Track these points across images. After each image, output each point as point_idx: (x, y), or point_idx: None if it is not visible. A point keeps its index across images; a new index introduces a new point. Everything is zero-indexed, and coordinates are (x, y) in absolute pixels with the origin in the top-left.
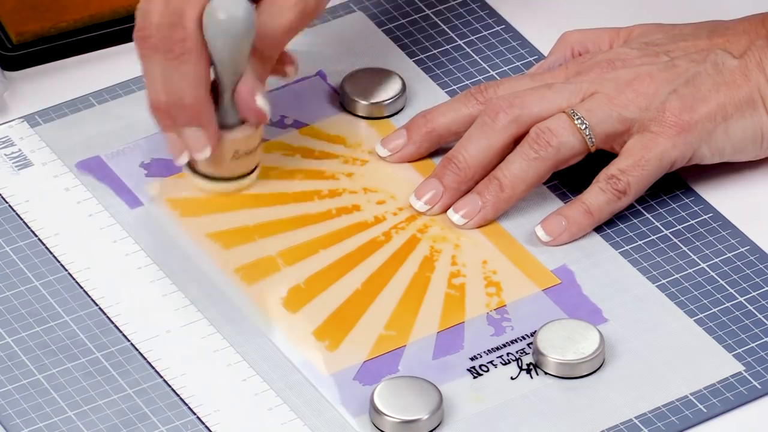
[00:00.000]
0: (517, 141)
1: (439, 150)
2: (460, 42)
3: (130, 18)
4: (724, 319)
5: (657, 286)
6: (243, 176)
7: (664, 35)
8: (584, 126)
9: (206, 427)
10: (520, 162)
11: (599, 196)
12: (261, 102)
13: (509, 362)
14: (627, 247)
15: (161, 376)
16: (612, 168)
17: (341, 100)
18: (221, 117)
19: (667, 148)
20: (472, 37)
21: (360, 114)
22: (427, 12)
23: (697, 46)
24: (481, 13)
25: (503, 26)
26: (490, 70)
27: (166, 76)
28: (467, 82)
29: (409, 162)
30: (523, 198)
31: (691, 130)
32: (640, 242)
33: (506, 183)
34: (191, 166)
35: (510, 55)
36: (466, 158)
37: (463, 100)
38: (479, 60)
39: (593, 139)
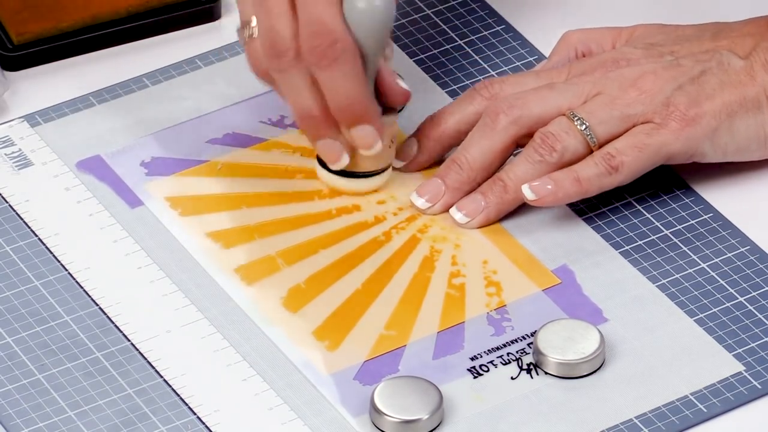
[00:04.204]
0: (518, 142)
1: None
2: (461, 42)
3: (130, 18)
4: (724, 319)
5: (657, 286)
6: (384, 169)
7: (667, 37)
8: (584, 127)
9: (206, 427)
10: (525, 165)
11: (591, 167)
12: (402, 83)
13: (509, 362)
14: (627, 247)
15: (161, 376)
16: (609, 146)
17: None
18: None
19: (669, 139)
20: (473, 37)
21: None
22: (427, 12)
23: (701, 47)
24: (481, 13)
25: (503, 26)
26: (490, 70)
27: (323, 81)
28: (467, 82)
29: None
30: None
31: (695, 125)
32: (640, 242)
33: (510, 185)
34: (326, 166)
35: (510, 55)
36: (468, 159)
37: (468, 98)
38: (479, 60)
39: (595, 140)
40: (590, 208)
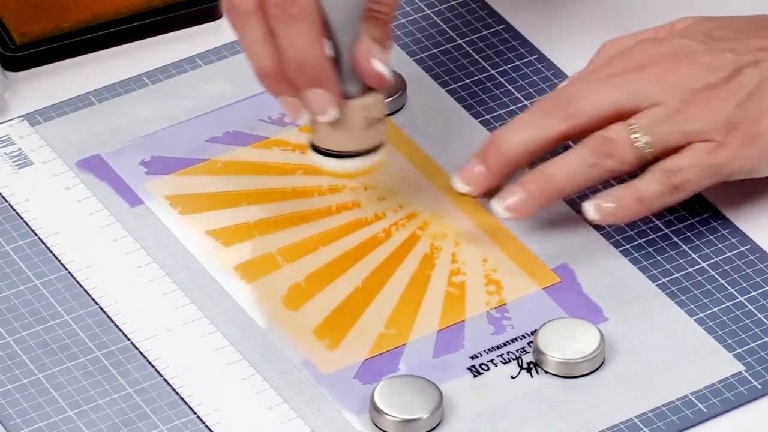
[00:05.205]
0: (567, 138)
1: (441, 156)
2: (461, 42)
3: (132, 18)
4: (724, 318)
5: (657, 286)
6: (374, 149)
7: (723, 29)
8: (643, 143)
9: (206, 426)
10: (577, 164)
11: (654, 185)
12: (378, 65)
13: (509, 361)
14: (627, 246)
15: (161, 375)
16: (670, 162)
17: None
18: (342, 85)
19: (729, 158)
20: (473, 37)
21: None
22: (428, 12)
23: (756, 44)
24: (482, 13)
25: (503, 26)
26: (490, 69)
27: (279, 38)
28: (467, 81)
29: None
30: None
31: (753, 144)
32: (640, 241)
33: (559, 181)
34: (317, 148)
35: (510, 55)
36: (512, 144)
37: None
38: (479, 59)
39: (649, 156)
40: None
